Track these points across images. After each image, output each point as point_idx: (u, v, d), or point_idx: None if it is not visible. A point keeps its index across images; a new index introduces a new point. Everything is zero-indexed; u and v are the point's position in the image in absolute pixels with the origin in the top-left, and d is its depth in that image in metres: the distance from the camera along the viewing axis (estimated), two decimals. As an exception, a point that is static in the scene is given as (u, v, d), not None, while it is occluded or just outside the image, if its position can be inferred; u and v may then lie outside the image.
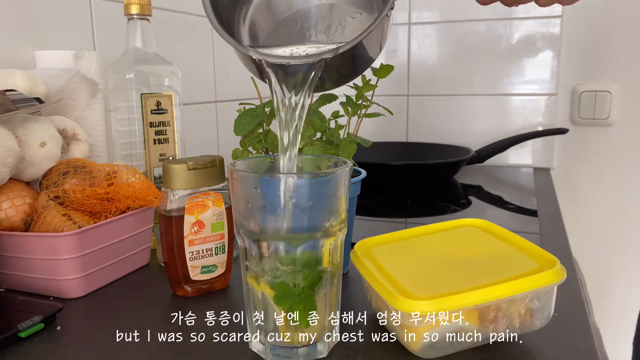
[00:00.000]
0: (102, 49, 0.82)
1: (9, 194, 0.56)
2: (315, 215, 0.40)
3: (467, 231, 0.54)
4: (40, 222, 0.55)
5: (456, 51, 1.29)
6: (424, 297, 0.40)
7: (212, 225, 0.53)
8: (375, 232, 0.54)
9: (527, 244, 0.48)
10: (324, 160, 0.47)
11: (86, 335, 0.47)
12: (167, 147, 0.73)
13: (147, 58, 0.71)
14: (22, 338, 0.46)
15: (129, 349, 0.44)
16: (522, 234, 0.51)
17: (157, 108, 0.71)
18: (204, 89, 1.12)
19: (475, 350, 0.43)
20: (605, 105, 1.24)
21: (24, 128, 0.57)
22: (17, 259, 0.55)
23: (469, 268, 0.45)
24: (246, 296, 0.43)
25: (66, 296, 0.54)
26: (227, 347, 0.44)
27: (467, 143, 1.28)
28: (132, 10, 0.70)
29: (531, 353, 0.42)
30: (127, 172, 0.61)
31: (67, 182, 0.57)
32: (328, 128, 0.60)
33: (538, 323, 0.44)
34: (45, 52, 0.71)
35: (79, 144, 0.65)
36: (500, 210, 0.93)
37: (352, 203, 0.58)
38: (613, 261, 1.29)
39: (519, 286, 0.41)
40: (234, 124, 0.58)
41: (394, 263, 0.47)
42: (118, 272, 0.60)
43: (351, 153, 0.57)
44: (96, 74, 0.72)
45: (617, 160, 1.27)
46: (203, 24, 1.11)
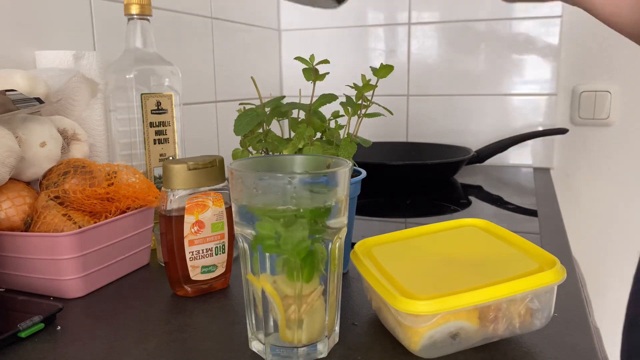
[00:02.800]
0: (102, 49, 0.83)
1: (9, 194, 0.56)
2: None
3: (467, 231, 0.54)
4: (40, 222, 0.55)
5: (456, 51, 1.29)
6: (424, 297, 0.40)
7: (212, 225, 0.53)
8: (375, 232, 0.54)
9: (527, 244, 0.48)
10: (324, 160, 0.47)
11: (86, 335, 0.47)
12: (167, 147, 0.73)
13: (147, 58, 0.71)
14: (22, 338, 0.46)
15: (128, 349, 0.44)
16: (522, 234, 0.51)
17: (157, 108, 0.71)
18: (204, 89, 1.12)
19: (475, 350, 0.43)
20: (605, 105, 1.24)
21: (24, 128, 0.57)
22: (17, 259, 0.55)
23: (469, 268, 0.45)
24: (246, 296, 0.43)
25: (66, 296, 0.55)
26: (227, 347, 0.44)
27: (467, 143, 1.28)
28: (132, 10, 0.70)
29: (531, 353, 0.42)
30: (127, 172, 0.61)
31: (67, 182, 0.57)
32: (328, 128, 0.60)
33: (538, 323, 0.44)
34: (45, 52, 0.71)
35: (79, 144, 0.65)
36: (500, 210, 0.93)
37: (352, 203, 0.58)
38: (612, 261, 1.29)
39: (519, 286, 0.41)
40: (234, 124, 0.58)
41: (394, 263, 0.47)
42: (118, 272, 0.60)
43: (351, 153, 0.57)
44: (96, 74, 0.72)
45: (617, 160, 1.27)
46: (203, 24, 1.11)
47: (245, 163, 0.45)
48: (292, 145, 0.57)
